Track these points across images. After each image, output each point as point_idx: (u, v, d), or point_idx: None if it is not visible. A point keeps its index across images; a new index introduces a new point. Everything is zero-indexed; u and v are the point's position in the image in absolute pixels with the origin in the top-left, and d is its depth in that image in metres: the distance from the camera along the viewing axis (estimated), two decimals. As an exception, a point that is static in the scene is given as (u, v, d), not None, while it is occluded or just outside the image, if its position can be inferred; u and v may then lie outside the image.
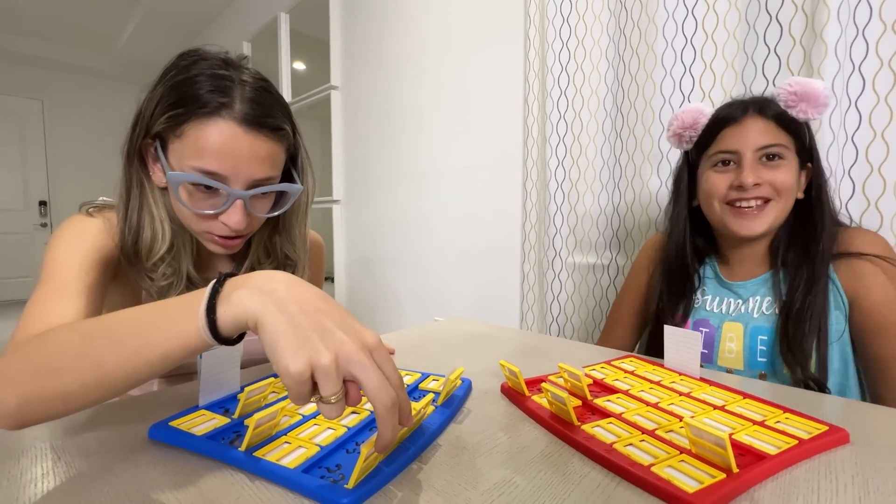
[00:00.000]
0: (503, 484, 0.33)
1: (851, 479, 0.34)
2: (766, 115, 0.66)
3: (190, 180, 0.50)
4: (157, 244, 0.54)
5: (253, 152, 0.51)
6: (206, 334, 0.32)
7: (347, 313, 0.33)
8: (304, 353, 0.28)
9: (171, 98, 0.49)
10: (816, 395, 0.52)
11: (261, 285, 0.32)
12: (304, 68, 3.86)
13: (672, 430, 0.40)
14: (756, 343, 0.67)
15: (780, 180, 0.65)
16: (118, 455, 0.37)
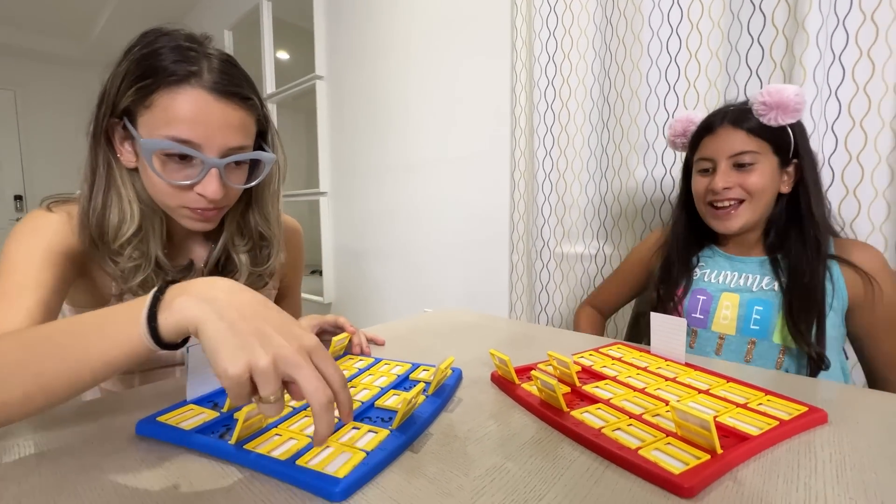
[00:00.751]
0: (494, 470, 0.34)
1: (829, 457, 0.35)
2: (738, 125, 0.72)
3: (163, 147, 0.48)
4: (124, 225, 0.52)
5: (225, 120, 0.50)
6: (148, 341, 0.32)
7: (288, 318, 0.33)
8: (242, 356, 0.29)
9: (138, 71, 0.48)
10: (796, 378, 0.54)
11: (202, 293, 0.33)
12: (288, 57, 3.78)
13: (658, 414, 0.41)
14: (751, 312, 0.72)
15: (750, 184, 0.71)
16: (105, 451, 0.36)
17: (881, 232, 0.84)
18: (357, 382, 0.49)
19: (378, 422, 0.40)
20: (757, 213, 0.73)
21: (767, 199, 0.73)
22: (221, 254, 0.62)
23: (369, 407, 0.43)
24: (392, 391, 0.47)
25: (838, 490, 0.31)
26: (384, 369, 0.54)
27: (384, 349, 0.66)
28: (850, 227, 0.86)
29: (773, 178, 0.72)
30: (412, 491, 0.31)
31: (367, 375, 0.52)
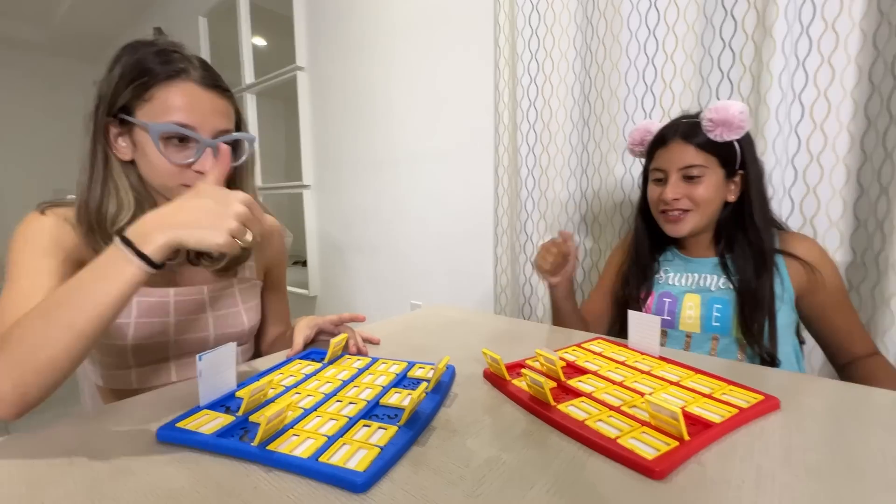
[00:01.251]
0: (492, 461, 0.38)
1: (780, 440, 0.40)
2: (688, 139, 0.78)
3: (168, 130, 0.57)
4: (122, 213, 0.59)
5: (213, 106, 0.60)
6: (146, 267, 0.44)
7: (216, 193, 0.48)
8: (219, 232, 0.45)
9: (133, 73, 0.57)
10: (756, 368, 0.60)
11: (161, 222, 0.45)
12: (266, 44, 3.69)
13: (635, 405, 0.46)
14: (712, 311, 0.78)
15: (697, 195, 0.78)
16: (132, 454, 0.39)
17: (837, 228, 0.91)
18: (359, 382, 0.53)
19: (385, 419, 0.43)
20: (704, 220, 0.80)
21: (713, 208, 0.80)
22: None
23: (375, 405, 0.46)
24: (393, 389, 0.50)
25: (785, 469, 0.36)
26: (382, 368, 0.57)
27: (379, 348, 0.70)
28: (809, 224, 0.93)
29: (719, 189, 0.79)
30: (420, 482, 0.35)
31: (368, 375, 0.55)
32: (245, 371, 0.59)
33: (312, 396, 0.48)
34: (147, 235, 0.45)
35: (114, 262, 0.44)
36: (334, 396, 0.48)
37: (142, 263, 0.44)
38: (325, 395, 0.48)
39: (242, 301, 0.74)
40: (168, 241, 0.45)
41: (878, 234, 0.84)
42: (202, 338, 0.69)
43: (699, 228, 0.81)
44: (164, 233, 0.45)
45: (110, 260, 0.45)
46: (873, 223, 0.86)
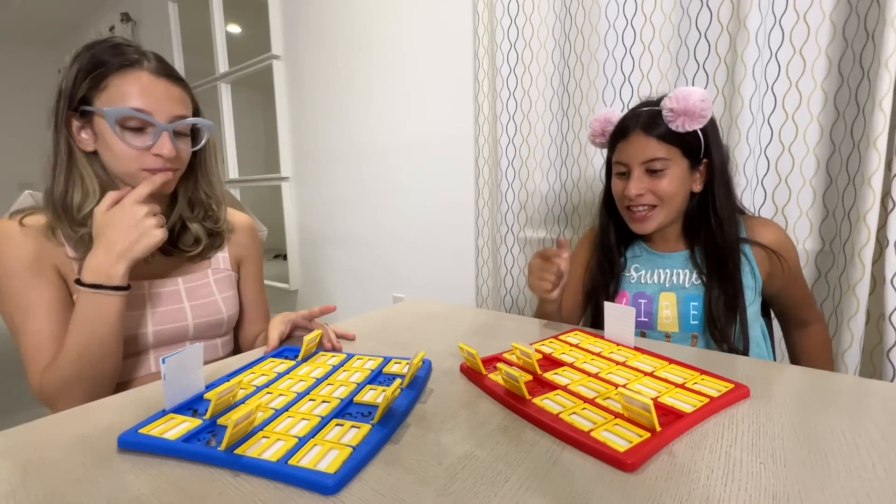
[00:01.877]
0: (465, 457, 0.38)
1: (748, 428, 0.41)
2: (649, 131, 0.74)
3: (124, 113, 0.59)
4: (87, 201, 0.62)
5: (168, 93, 0.63)
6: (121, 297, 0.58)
7: (127, 215, 0.58)
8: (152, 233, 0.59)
9: (89, 66, 0.60)
10: (729, 357, 0.61)
11: (107, 255, 0.57)
12: (240, 31, 3.58)
13: (609, 397, 0.46)
14: (689, 309, 0.77)
15: (661, 190, 0.75)
16: (91, 462, 0.38)
17: (807, 216, 0.93)
18: (333, 379, 0.52)
19: (359, 417, 0.43)
20: (671, 215, 0.77)
21: (679, 201, 0.77)
22: (176, 224, 0.72)
23: (349, 403, 0.46)
24: (368, 386, 0.50)
25: (752, 456, 0.37)
26: (357, 364, 0.57)
27: (356, 344, 0.69)
28: (781, 213, 0.95)
29: (684, 181, 0.76)
30: (392, 481, 0.35)
31: (342, 372, 0.54)
32: (216, 371, 0.57)
33: (284, 396, 0.47)
34: (107, 272, 0.57)
35: (95, 305, 0.56)
36: (307, 395, 0.47)
37: (117, 293, 0.57)
38: (297, 395, 0.47)
39: (218, 290, 0.74)
40: (127, 266, 0.58)
41: (846, 224, 0.86)
42: (181, 327, 0.69)
43: (666, 223, 0.78)
44: (119, 262, 0.57)
45: (92, 306, 0.56)
46: (841, 212, 0.88)
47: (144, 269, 0.67)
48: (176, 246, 0.72)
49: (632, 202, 0.77)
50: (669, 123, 0.72)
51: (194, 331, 0.70)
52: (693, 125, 0.71)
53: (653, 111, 0.75)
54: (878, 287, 0.83)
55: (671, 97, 0.71)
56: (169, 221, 0.70)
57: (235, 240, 0.81)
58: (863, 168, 0.80)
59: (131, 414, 0.46)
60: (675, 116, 0.71)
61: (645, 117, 0.75)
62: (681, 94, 0.70)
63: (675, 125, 0.71)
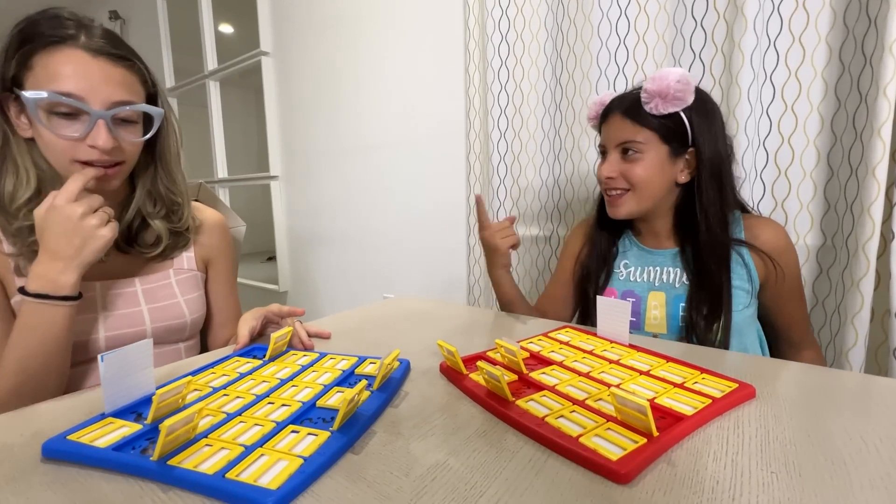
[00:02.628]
0: (437, 468, 0.33)
1: (755, 432, 0.37)
2: (626, 113, 0.71)
3: (43, 99, 0.51)
4: (19, 191, 0.55)
5: (105, 75, 0.54)
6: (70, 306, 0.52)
7: (71, 216, 0.51)
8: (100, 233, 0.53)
9: (17, 41, 0.53)
10: (730, 354, 0.56)
11: (53, 262, 0.51)
12: (232, 31, 3.54)
13: (601, 398, 0.42)
14: (678, 310, 0.72)
15: (633, 175, 0.71)
16: (5, 478, 0.33)
17: (808, 210, 0.90)
18: (299, 381, 0.47)
19: (319, 423, 0.38)
20: (644, 203, 0.73)
21: (655, 189, 0.72)
22: (134, 220, 0.66)
23: (311, 407, 0.41)
24: (336, 388, 0.45)
25: (762, 465, 0.32)
26: (329, 364, 0.52)
27: (331, 343, 0.64)
28: (781, 207, 0.91)
29: (663, 169, 0.71)
30: (349, 497, 0.30)
31: (311, 372, 0.50)
32: (174, 370, 0.52)
33: (241, 398, 0.43)
34: (54, 280, 0.51)
35: (40, 316, 0.51)
36: (266, 398, 0.43)
37: (65, 303, 0.52)
38: (256, 397, 0.43)
39: (181, 292, 0.68)
40: (77, 274, 0.52)
41: (848, 217, 0.82)
42: (137, 332, 0.63)
43: (640, 212, 0.74)
44: (67, 270, 0.51)
45: (36, 317, 0.51)
46: (843, 206, 0.84)
47: (97, 268, 0.60)
48: (134, 244, 0.66)
49: (605, 185, 0.75)
50: (645, 105, 0.68)
51: (152, 336, 0.64)
52: (668, 108, 0.67)
53: (635, 93, 0.72)
54: (883, 282, 0.79)
55: (650, 78, 0.68)
56: (126, 216, 0.64)
57: (203, 237, 0.74)
58: (866, 159, 0.76)
59: (66, 419, 0.41)
60: (651, 98, 0.67)
61: (628, 100, 0.72)
62: (658, 74, 0.66)
63: (649, 107, 0.68)
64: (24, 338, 0.51)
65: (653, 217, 0.77)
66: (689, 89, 0.66)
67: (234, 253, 0.83)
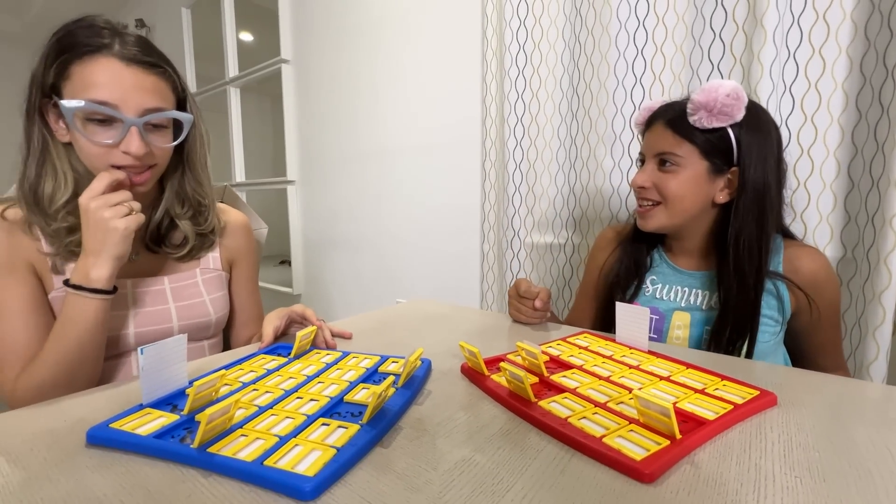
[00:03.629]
0: (463, 463, 0.34)
1: (778, 438, 0.37)
2: (667, 123, 0.69)
3: (81, 107, 0.54)
4: (58, 193, 0.58)
5: (138, 83, 0.56)
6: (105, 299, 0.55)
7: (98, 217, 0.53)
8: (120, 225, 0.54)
9: (55, 50, 0.55)
10: (750, 363, 0.56)
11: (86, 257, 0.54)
12: (252, 39, 3.62)
13: (622, 401, 0.42)
14: (702, 332, 0.70)
15: (667, 187, 0.68)
16: (53, 460, 0.34)
17: (828, 222, 0.89)
18: (325, 377, 0.48)
19: (348, 417, 0.39)
20: (675, 219, 0.70)
21: (688, 205, 0.68)
22: (163, 220, 0.68)
23: (338, 402, 0.42)
24: (361, 385, 0.46)
25: (785, 469, 0.33)
26: (352, 363, 0.53)
27: (353, 343, 0.65)
28: (800, 219, 0.91)
29: (698, 185, 0.67)
30: (381, 487, 0.31)
31: (336, 370, 0.51)
32: (202, 366, 0.54)
33: (271, 393, 0.44)
34: (87, 273, 0.54)
35: (76, 307, 0.53)
36: (295, 393, 0.44)
37: (97, 296, 0.54)
38: (284, 392, 0.44)
39: (207, 291, 0.70)
40: (109, 268, 0.54)
41: (870, 229, 0.82)
42: (165, 329, 0.65)
43: (671, 227, 0.71)
44: (98, 264, 0.54)
45: (73, 308, 0.53)
46: (864, 217, 0.84)
47: (128, 266, 0.63)
48: (162, 244, 0.68)
49: (637, 193, 0.73)
50: (690, 117, 0.65)
51: (179, 333, 0.65)
52: (714, 122, 0.63)
53: (681, 102, 0.69)
54: (906, 296, 0.78)
55: (700, 89, 0.64)
56: (155, 216, 0.66)
57: (228, 238, 0.77)
58: (888, 171, 0.76)
59: (106, 409, 0.43)
60: (696, 109, 0.64)
61: (674, 109, 0.70)
62: (708, 86, 0.63)
63: (693, 118, 0.65)
64: (63, 329, 0.53)
65: (686, 235, 0.74)
66: (738, 104, 0.63)
67: (256, 254, 0.85)
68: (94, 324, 0.54)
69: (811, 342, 0.73)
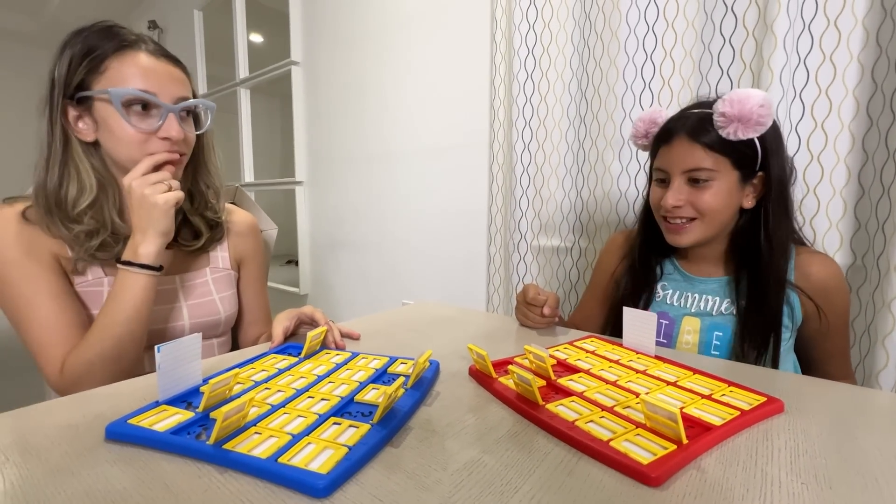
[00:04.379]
0: (472, 464, 0.34)
1: (784, 444, 0.37)
2: (696, 138, 0.66)
3: (129, 94, 0.57)
4: (82, 196, 0.59)
5: (170, 74, 0.61)
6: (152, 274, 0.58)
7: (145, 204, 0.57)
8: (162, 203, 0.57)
9: (84, 50, 0.57)
10: (757, 369, 0.57)
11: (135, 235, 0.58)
12: (262, 41, 3.65)
13: (629, 406, 0.43)
14: (712, 338, 0.70)
15: (703, 203, 0.66)
16: (74, 453, 0.35)
17: (837, 229, 0.89)
18: (335, 377, 0.49)
19: (358, 416, 0.40)
20: (711, 231, 0.69)
21: (724, 217, 0.68)
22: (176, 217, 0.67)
23: (349, 402, 0.43)
24: (371, 385, 0.47)
25: (792, 475, 0.33)
26: (362, 363, 0.54)
27: (361, 344, 0.66)
28: (809, 225, 0.91)
29: (732, 196, 0.67)
30: (391, 486, 0.32)
31: (345, 370, 0.52)
32: (214, 365, 0.55)
33: (283, 392, 0.45)
34: (136, 249, 0.57)
35: (124, 282, 0.57)
36: (306, 392, 0.45)
37: (145, 271, 0.57)
38: (296, 391, 0.45)
39: (216, 290, 0.71)
40: (156, 244, 0.58)
41: (880, 236, 0.81)
42: (176, 327, 0.67)
43: (704, 240, 0.70)
44: (146, 241, 0.57)
45: (120, 283, 0.57)
46: (874, 225, 0.84)
47: None
48: (175, 240, 0.69)
49: (669, 213, 0.69)
50: (721, 130, 0.63)
51: (190, 331, 0.67)
52: (748, 133, 0.62)
53: (703, 114, 0.66)
54: (916, 304, 0.77)
55: (725, 100, 0.62)
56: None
57: (236, 238, 0.78)
58: (899, 178, 0.76)
59: (123, 405, 0.44)
60: (728, 122, 0.62)
61: (693, 121, 0.66)
62: (736, 96, 0.61)
63: (726, 132, 0.63)
64: (112, 305, 0.56)
65: (709, 243, 0.73)
66: (771, 114, 0.62)
67: (265, 255, 0.86)
68: (142, 301, 0.57)
69: (819, 349, 0.72)
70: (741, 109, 0.61)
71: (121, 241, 0.61)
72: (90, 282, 0.62)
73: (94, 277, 0.62)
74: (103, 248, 0.60)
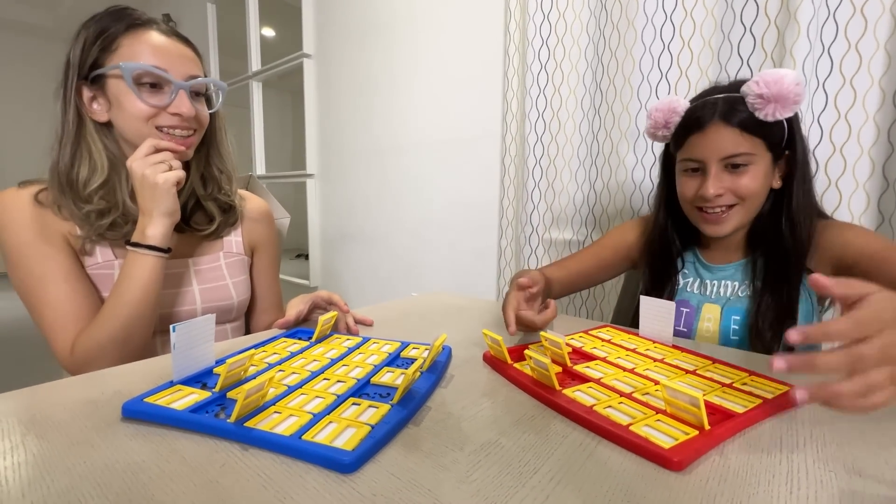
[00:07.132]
0: (489, 445, 0.34)
1: (811, 434, 0.36)
2: (730, 122, 0.64)
3: (141, 68, 0.58)
4: (94, 176, 0.60)
5: (181, 52, 0.62)
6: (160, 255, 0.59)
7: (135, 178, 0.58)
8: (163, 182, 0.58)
9: (97, 30, 0.58)
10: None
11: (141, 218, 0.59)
12: (274, 35, 3.66)
13: (648, 392, 0.42)
14: (730, 322, 0.70)
15: (743, 187, 0.65)
16: (93, 427, 0.36)
17: (860, 222, 0.86)
18: (349, 361, 0.49)
19: (377, 397, 0.40)
20: (749, 216, 0.68)
21: (761, 200, 0.68)
22: (189, 202, 0.70)
23: (366, 384, 0.43)
24: (385, 368, 0.47)
25: (819, 463, 0.32)
26: (374, 348, 0.54)
27: (373, 330, 0.66)
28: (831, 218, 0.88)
29: (767, 177, 0.66)
30: (409, 465, 0.31)
31: (358, 354, 0.52)
32: (226, 348, 0.55)
33: (297, 374, 0.45)
34: (143, 231, 0.58)
35: (133, 264, 0.57)
36: (321, 374, 0.45)
37: (152, 252, 0.58)
38: (311, 373, 0.45)
39: (230, 275, 0.72)
40: (163, 226, 0.58)
41: (904, 231, 0.79)
42: (189, 311, 0.67)
43: (743, 225, 0.69)
44: (153, 222, 0.58)
45: (130, 265, 0.57)
46: (899, 219, 0.81)
47: None
48: (189, 224, 0.69)
49: (708, 204, 0.67)
50: (757, 112, 0.62)
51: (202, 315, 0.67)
52: (786, 113, 0.61)
53: (731, 97, 0.64)
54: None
55: (758, 81, 0.61)
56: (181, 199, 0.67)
57: (250, 224, 0.78)
58: (926, 170, 0.74)
59: (141, 382, 0.44)
60: (765, 103, 0.61)
61: (723, 105, 0.64)
62: (770, 77, 0.60)
63: (763, 113, 0.61)
64: (122, 286, 0.57)
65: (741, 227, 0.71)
66: (804, 92, 0.61)
67: (278, 243, 0.87)
68: (150, 282, 0.58)
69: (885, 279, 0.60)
70: (779, 90, 0.60)
71: (130, 222, 0.62)
72: (101, 264, 0.62)
73: (104, 260, 0.62)
74: (113, 227, 0.61)
